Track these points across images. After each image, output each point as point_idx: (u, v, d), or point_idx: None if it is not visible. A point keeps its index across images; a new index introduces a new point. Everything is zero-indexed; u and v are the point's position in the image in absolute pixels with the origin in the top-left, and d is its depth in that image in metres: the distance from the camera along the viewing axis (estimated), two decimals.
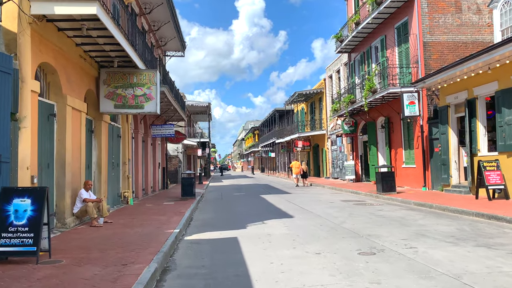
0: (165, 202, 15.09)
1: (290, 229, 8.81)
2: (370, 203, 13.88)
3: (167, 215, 11.03)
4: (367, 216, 10.57)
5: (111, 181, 13.09)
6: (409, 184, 18.63)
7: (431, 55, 17.40)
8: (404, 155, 19.37)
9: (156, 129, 19.77)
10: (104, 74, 11.38)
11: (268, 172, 58.17)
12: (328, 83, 31.51)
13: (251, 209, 13.22)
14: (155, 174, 21.62)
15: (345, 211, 11.67)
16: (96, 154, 11.55)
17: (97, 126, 11.61)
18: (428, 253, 6.15)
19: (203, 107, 39.90)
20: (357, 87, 23.45)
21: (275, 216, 11.06)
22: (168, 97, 16.37)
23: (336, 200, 15.22)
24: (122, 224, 9.51)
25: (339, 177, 28.82)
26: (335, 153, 29.93)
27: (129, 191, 14.50)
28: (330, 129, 30.82)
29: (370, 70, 22.49)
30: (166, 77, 17.11)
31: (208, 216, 11.78)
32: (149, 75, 11.52)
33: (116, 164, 13.77)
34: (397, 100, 19.18)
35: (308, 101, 37.37)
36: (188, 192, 16.90)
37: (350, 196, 16.92)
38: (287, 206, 13.76)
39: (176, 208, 12.95)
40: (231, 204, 15.24)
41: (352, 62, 25.70)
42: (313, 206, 13.32)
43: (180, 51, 25.36)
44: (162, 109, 19.77)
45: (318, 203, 14.31)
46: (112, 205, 13.19)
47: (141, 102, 11.43)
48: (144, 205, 14.21)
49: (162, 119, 22.64)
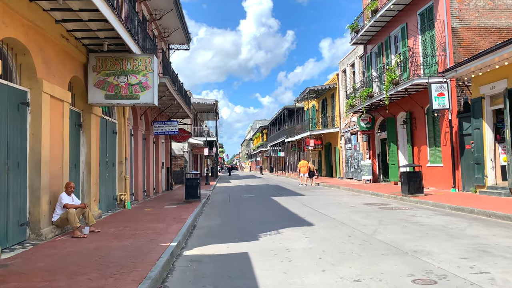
0: (166, 206, 13.57)
1: (312, 242, 7.21)
2: (397, 207, 12.23)
3: (166, 222, 9.50)
4: (401, 223, 8.93)
5: (104, 182, 11.60)
6: (435, 185, 16.92)
7: (461, 42, 15.68)
8: (429, 153, 17.65)
9: (158, 126, 18.28)
10: (94, 60, 9.88)
11: (277, 172, 56.52)
12: (342, 78, 29.81)
13: (262, 214, 11.65)
14: (158, 175, 20.13)
15: (372, 217, 10.04)
16: (85, 151, 10.05)
17: (86, 119, 10.11)
18: (510, 281, 4.53)
19: (210, 105, 38.42)
20: (375, 80, 21.76)
21: (292, 224, 9.46)
22: (170, 89, 14.86)
23: (357, 203, 13.59)
24: (110, 234, 8.00)
25: (354, 177, 27.12)
26: (349, 152, 28.23)
27: (127, 194, 13.01)
28: (344, 126, 29.13)
29: (389, 61, 20.79)
30: (168, 68, 15.61)
31: (214, 223, 10.24)
32: (145, 60, 9.99)
33: (111, 163, 12.29)
34: (421, 93, 17.49)
35: (320, 98, 35.69)
36: (192, 195, 15.39)
37: (372, 199, 15.26)
38: (303, 210, 12.16)
39: (178, 213, 11.43)
40: (240, 208, 13.68)
41: (368, 54, 23.99)
42: (333, 211, 11.71)
43: (185, 44, 23.85)
44: (164, 104, 18.30)
45: (338, 207, 12.69)
46: (106, 210, 11.70)
47: (136, 92, 9.91)
48: (143, 209, 12.71)
49: (165, 116, 21.16)
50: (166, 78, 13.75)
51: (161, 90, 15.25)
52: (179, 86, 18.29)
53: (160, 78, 13.62)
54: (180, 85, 18.54)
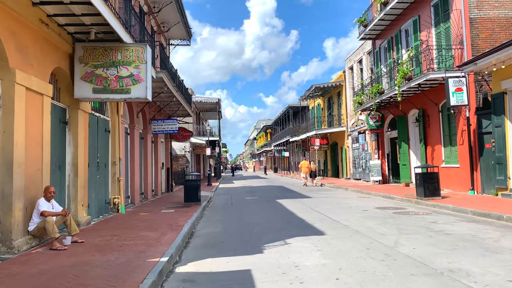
0: (163, 210, 12.62)
1: (326, 256, 6.22)
2: (413, 212, 11.21)
3: (160, 230, 8.53)
4: (424, 232, 7.92)
5: (95, 185, 10.66)
6: (450, 186, 15.87)
7: (479, 34, 14.62)
8: (444, 153, 16.59)
9: (157, 124, 17.34)
10: (80, 50, 8.93)
11: (282, 172, 55.49)
12: (349, 75, 28.76)
13: (267, 220, 10.66)
14: (157, 176, 19.19)
15: (389, 224, 9.03)
16: (72, 151, 9.10)
17: (73, 116, 9.16)
18: None
19: (212, 103, 37.47)
20: (384, 77, 20.72)
21: (300, 232, 8.48)
22: (168, 85, 13.90)
23: (369, 207, 12.58)
24: (95, 245, 7.04)
25: (361, 178, 26.09)
26: (356, 152, 27.19)
27: (120, 197, 12.05)
28: (351, 125, 28.08)
29: (399, 56, 19.75)
30: (167, 63, 14.65)
31: (213, 230, 9.26)
32: (137, 50, 9.03)
33: (103, 164, 11.34)
34: (435, 88, 16.45)
35: (325, 96, 34.65)
36: (192, 197, 14.42)
37: (384, 202, 14.24)
38: (311, 215, 11.16)
39: (175, 218, 10.46)
40: (242, 212, 12.70)
41: (377, 49, 22.94)
42: (344, 216, 10.70)
43: (186, 39, 22.90)
44: (163, 101, 17.36)
45: (349, 212, 11.68)
46: (96, 215, 10.76)
47: (127, 85, 8.95)
48: (138, 214, 11.75)
49: (165, 114, 20.23)
50: (163, 73, 12.80)
51: (159, 86, 14.32)
52: (179, 82, 17.35)
53: (157, 73, 12.68)
54: (179, 81, 17.59)
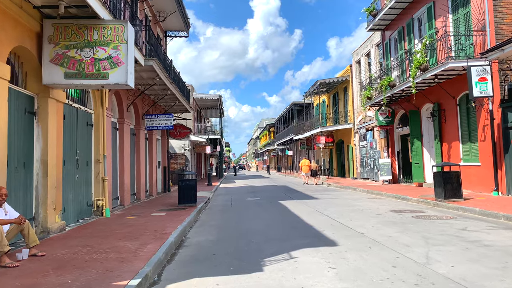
0: (154, 213, 11.32)
1: (342, 278, 4.90)
2: (435, 216, 9.87)
3: (142, 239, 7.24)
4: (456, 243, 6.58)
5: (73, 185, 9.38)
6: (470, 187, 14.48)
7: (504, 18, 13.24)
8: (462, 150, 15.21)
9: (150, 119, 16.05)
10: (50, 28, 7.64)
11: (285, 171, 54.14)
12: (355, 69, 27.38)
13: (269, 226, 9.33)
14: (151, 175, 17.91)
15: (412, 232, 7.70)
16: (41, 147, 7.83)
17: (43, 106, 7.88)
18: None
19: (213, 100, 36.20)
20: (395, 69, 19.36)
21: (308, 242, 7.15)
22: (160, 75, 12.60)
23: (383, 210, 11.24)
24: (56, 260, 5.75)
25: (369, 178, 24.72)
26: (364, 150, 25.82)
27: (105, 199, 10.77)
28: (358, 122, 26.71)
29: (412, 47, 18.37)
30: (159, 50, 13.36)
31: (207, 238, 7.96)
32: (116, 28, 7.73)
33: (84, 162, 10.06)
34: (453, 80, 15.09)
35: (330, 92, 33.28)
36: (187, 198, 13.12)
37: (398, 204, 12.89)
38: (319, 220, 9.83)
39: (164, 223, 9.17)
40: (242, 216, 11.39)
41: (386, 41, 21.56)
42: (357, 221, 9.37)
43: (183, 31, 21.60)
44: (157, 94, 16.08)
45: (361, 216, 10.34)
46: (75, 219, 9.48)
47: (105, 69, 7.65)
48: (124, 217, 10.47)
49: (160, 109, 18.94)
50: (153, 60, 11.50)
51: (150, 77, 13.04)
52: (174, 74, 16.05)
53: (147, 60, 11.38)
54: (175, 73, 16.29)
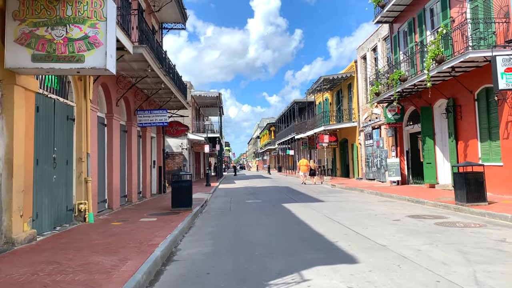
0: (144, 218, 10.14)
1: None
2: (460, 223, 8.69)
3: (123, 252, 6.05)
4: (505, 260, 5.39)
5: (49, 188, 8.20)
6: (490, 189, 13.21)
7: None
8: (481, 149, 14.03)
9: (143, 115, 14.86)
10: (15, 2, 6.46)
11: (286, 171, 52.95)
12: (361, 65, 26.18)
13: (273, 235, 8.15)
14: (145, 175, 16.72)
15: (442, 244, 6.51)
16: (5, 143, 6.64)
17: (7, 95, 6.69)
18: None
19: (212, 98, 35.03)
20: (404, 63, 18.18)
21: (321, 257, 5.96)
22: (152, 65, 11.42)
23: (400, 215, 10.06)
24: (4, 286, 4.58)
25: (375, 178, 23.55)
26: (370, 149, 24.63)
27: (88, 202, 9.59)
28: (364, 120, 25.52)
29: (423, 39, 17.20)
30: (151, 38, 12.16)
31: (201, 251, 6.77)
32: (94, 3, 6.53)
33: (62, 161, 8.88)
34: (471, 73, 13.91)
35: (334, 90, 32.09)
36: (182, 201, 11.94)
37: (413, 208, 11.71)
38: (331, 228, 8.64)
39: (153, 230, 7.99)
40: (242, 222, 10.21)
41: (395, 34, 20.38)
42: (374, 229, 8.19)
43: (181, 23, 20.43)
44: (150, 88, 14.90)
45: (377, 222, 9.16)
46: (51, 226, 8.30)
47: (80, 51, 6.47)
48: (109, 224, 9.28)
49: (155, 105, 17.76)
50: (143, 48, 10.31)
51: (142, 68, 11.87)
52: (168, 66, 14.88)
53: (136, 48, 10.20)
54: (169, 66, 15.11)
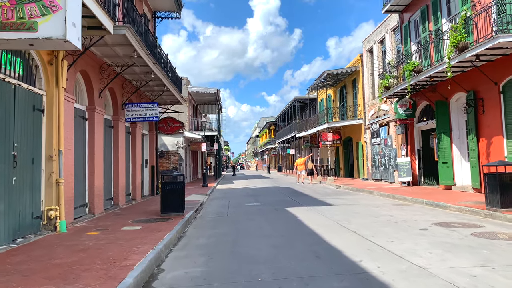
0: (126, 227, 8.68)
1: None
2: (503, 234, 7.25)
3: (84, 279, 4.60)
4: None
5: (6, 192, 6.73)
6: None
7: None
8: (507, 147, 12.60)
9: (132, 109, 13.41)
10: None
11: (286, 171, 51.50)
12: (367, 59, 24.74)
13: (280, 250, 6.67)
14: (135, 176, 15.25)
15: (500, 267, 5.07)
16: None
17: None
18: None
19: (210, 94, 33.54)
20: (417, 54, 16.75)
21: (346, 285, 4.53)
22: (138, 50, 9.95)
23: (425, 223, 8.61)
24: None
25: (383, 179, 22.12)
26: (377, 148, 23.20)
27: (60, 208, 8.14)
28: (370, 117, 24.09)
29: (439, 28, 15.77)
30: (137, 18, 10.70)
31: (189, 274, 5.32)
32: None
33: (27, 159, 7.43)
34: (495, 63, 12.51)
35: (337, 86, 30.67)
36: (172, 206, 10.47)
37: (435, 213, 10.26)
38: (349, 241, 7.19)
39: (133, 244, 6.54)
40: (241, 231, 8.75)
41: (405, 24, 18.95)
42: (401, 242, 6.73)
43: (175, 11, 18.96)
44: (140, 79, 13.44)
45: (401, 232, 7.71)
46: (10, 238, 6.83)
47: (33, 17, 5.01)
48: (83, 234, 7.83)
49: (146, 99, 16.29)
50: (126, 28, 8.83)
51: (127, 54, 10.45)
52: (159, 55, 13.41)
53: (117, 28, 8.73)
54: (160, 55, 13.64)
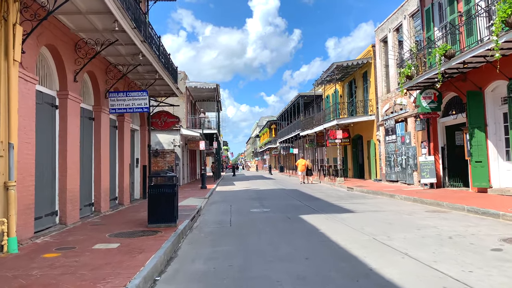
0: (99, 244, 6.63)
1: None
2: None
3: None
4: None
5: None
6: None
7: None
8: None
9: (117, 98, 11.35)
10: None
11: (289, 172, 49.42)
12: (380, 49, 22.70)
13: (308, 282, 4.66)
14: (122, 177, 13.20)
15: None
16: None
17: None
18: None
19: (209, 90, 31.53)
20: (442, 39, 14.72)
21: None
22: (120, 20, 7.91)
23: (488, 239, 6.59)
24: None
25: (399, 180, 20.10)
26: (392, 146, 21.18)
27: (10, 221, 6.10)
28: (384, 112, 22.06)
29: (471, 8, 13.76)
30: None
31: None
32: None
33: None
34: None
35: (345, 80, 28.66)
36: (162, 215, 8.39)
37: (488, 223, 8.23)
38: (406, 269, 5.13)
39: (100, 275, 4.51)
40: (249, 253, 6.69)
41: (427, 7, 16.93)
42: (480, 273, 4.69)
43: None
44: (127, 64, 11.41)
45: (468, 254, 5.66)
46: None
47: None
48: (38, 256, 5.79)
49: (135, 88, 14.24)
50: None
51: (108, 29, 8.40)
52: (150, 35, 11.37)
53: None
54: (151, 35, 11.60)
